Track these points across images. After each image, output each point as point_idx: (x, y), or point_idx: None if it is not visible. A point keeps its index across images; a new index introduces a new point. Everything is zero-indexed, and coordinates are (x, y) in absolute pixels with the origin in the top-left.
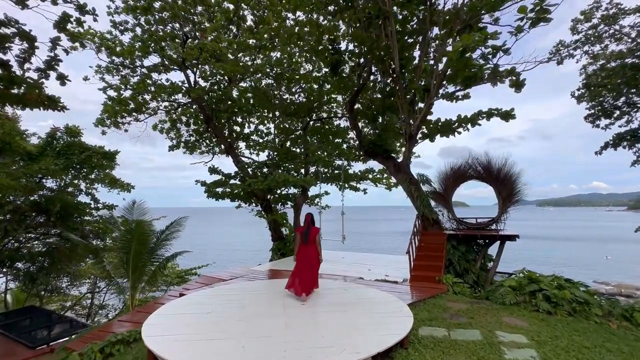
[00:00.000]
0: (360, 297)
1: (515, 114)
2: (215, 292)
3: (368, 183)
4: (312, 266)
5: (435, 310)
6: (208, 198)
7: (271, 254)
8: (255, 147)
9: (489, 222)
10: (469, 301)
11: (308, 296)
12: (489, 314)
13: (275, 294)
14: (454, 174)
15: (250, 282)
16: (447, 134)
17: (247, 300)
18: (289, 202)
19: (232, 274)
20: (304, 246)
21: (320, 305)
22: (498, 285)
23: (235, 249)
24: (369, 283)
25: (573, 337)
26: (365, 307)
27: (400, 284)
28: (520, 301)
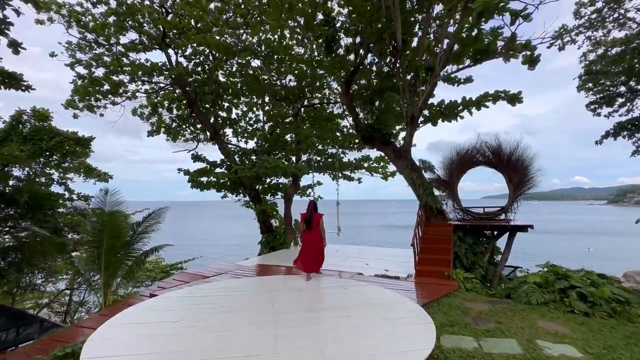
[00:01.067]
0: (364, 297)
1: (522, 98)
2: (191, 292)
3: (363, 172)
4: (316, 251)
5: (454, 313)
6: (192, 188)
7: (260, 248)
8: (243, 134)
9: (498, 211)
10: (488, 300)
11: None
12: (517, 317)
13: (263, 295)
14: (460, 159)
15: (235, 280)
16: (450, 118)
17: (227, 304)
18: (279, 192)
19: (216, 269)
20: (307, 232)
21: (318, 309)
22: (521, 282)
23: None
24: (369, 279)
25: (632, 348)
26: (373, 311)
27: (404, 280)
28: (549, 300)
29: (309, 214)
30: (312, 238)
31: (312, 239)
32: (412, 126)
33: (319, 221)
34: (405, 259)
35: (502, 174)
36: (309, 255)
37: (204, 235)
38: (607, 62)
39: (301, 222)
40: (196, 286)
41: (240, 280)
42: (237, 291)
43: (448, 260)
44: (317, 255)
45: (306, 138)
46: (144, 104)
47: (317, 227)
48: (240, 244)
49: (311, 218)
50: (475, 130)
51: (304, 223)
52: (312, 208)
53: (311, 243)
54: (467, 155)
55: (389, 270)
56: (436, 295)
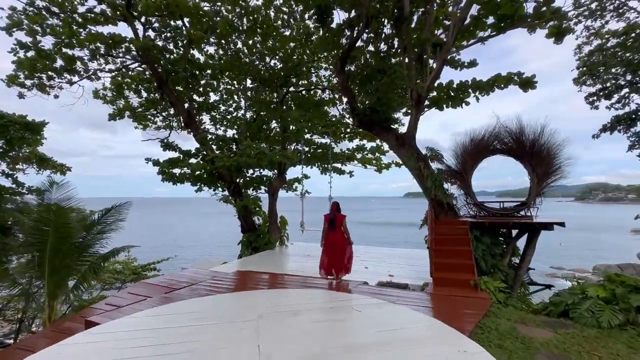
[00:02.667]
0: (391, 327)
1: (536, 82)
2: (137, 323)
3: (355, 165)
4: (342, 251)
5: (513, 346)
6: (163, 182)
7: (240, 248)
8: (222, 122)
9: (518, 207)
10: (542, 321)
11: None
12: (598, 350)
13: (243, 328)
14: (474, 147)
15: (203, 299)
16: (456, 104)
17: (187, 343)
18: (263, 186)
19: (185, 278)
20: (331, 233)
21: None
22: (576, 294)
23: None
24: (377, 291)
25: None
26: (405, 349)
27: (421, 292)
28: (623, 322)
29: (333, 214)
30: (337, 238)
31: (337, 240)
32: (417, 109)
33: (342, 221)
34: (408, 260)
35: (523, 163)
36: (336, 256)
37: (183, 234)
38: (607, 54)
39: (325, 222)
40: (149, 311)
41: (212, 298)
42: (204, 320)
43: (471, 266)
44: (344, 255)
45: (297, 120)
46: (108, 86)
47: (340, 228)
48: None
49: (335, 218)
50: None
51: (327, 223)
52: (335, 209)
53: (336, 243)
54: (483, 141)
55: (394, 275)
56: (473, 316)
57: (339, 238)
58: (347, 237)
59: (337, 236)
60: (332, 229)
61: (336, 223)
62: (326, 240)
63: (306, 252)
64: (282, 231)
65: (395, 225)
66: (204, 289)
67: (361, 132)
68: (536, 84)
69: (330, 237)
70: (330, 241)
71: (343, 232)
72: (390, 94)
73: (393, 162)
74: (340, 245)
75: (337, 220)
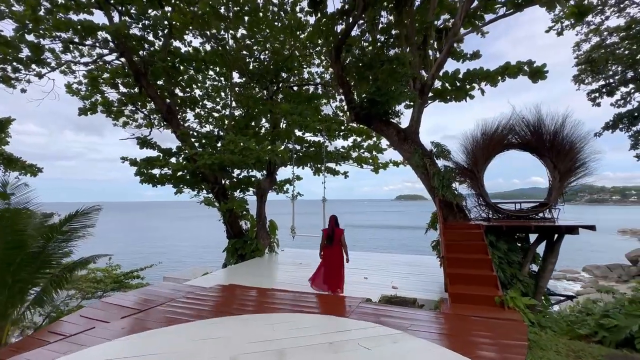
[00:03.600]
0: None
1: (547, 72)
2: None
3: (351, 165)
4: (338, 267)
5: None
6: (142, 183)
7: (225, 256)
8: (208, 119)
9: (537, 208)
10: (603, 356)
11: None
12: None
13: None
14: (486, 141)
15: (163, 332)
16: (460, 97)
17: None
18: (251, 188)
19: (154, 295)
20: (329, 247)
21: None
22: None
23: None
24: (381, 310)
25: None
26: None
27: (435, 312)
28: None
29: (331, 229)
30: (334, 253)
31: (335, 255)
32: (422, 100)
33: (341, 236)
34: (411, 268)
35: (542, 159)
36: (333, 272)
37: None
38: (611, 50)
39: (323, 237)
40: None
41: (175, 330)
42: None
43: (492, 278)
44: (341, 270)
45: (286, 116)
46: (82, 80)
47: (338, 243)
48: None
49: (333, 233)
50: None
51: (325, 239)
52: (333, 223)
53: (334, 259)
54: (497, 135)
55: (398, 287)
56: (516, 351)
57: (337, 253)
58: (345, 252)
59: (334, 251)
60: (330, 244)
61: (334, 238)
62: (325, 256)
63: (298, 259)
64: (272, 237)
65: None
66: (172, 312)
67: (357, 129)
68: (547, 74)
69: (328, 252)
70: (327, 256)
71: (341, 247)
72: (392, 82)
73: (391, 161)
74: (337, 262)
75: (335, 235)
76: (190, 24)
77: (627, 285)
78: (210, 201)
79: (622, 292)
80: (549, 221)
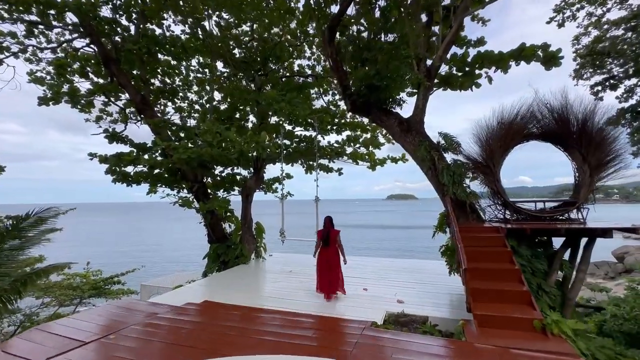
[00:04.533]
0: None
1: (562, 58)
2: None
3: (345, 161)
4: (335, 268)
5: None
6: (115, 183)
7: (207, 263)
8: (190, 113)
9: (563, 208)
10: None
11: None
12: None
13: None
14: (505, 131)
15: None
16: (467, 84)
17: None
18: (236, 187)
19: (107, 319)
20: (324, 249)
21: None
22: None
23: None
24: (390, 341)
25: None
26: None
27: (460, 342)
28: None
29: (326, 230)
30: (331, 254)
31: (331, 256)
32: (428, 84)
33: (336, 237)
34: (415, 276)
35: (568, 151)
36: (332, 273)
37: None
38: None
39: (318, 239)
40: None
41: None
42: None
43: (526, 295)
44: (339, 269)
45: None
46: (47, 68)
47: (334, 244)
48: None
49: (329, 234)
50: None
51: (321, 240)
52: (329, 224)
53: (330, 260)
54: (515, 125)
55: (404, 301)
56: None
57: (333, 254)
58: (342, 253)
59: (330, 252)
60: (326, 245)
61: (330, 239)
62: (320, 257)
63: (288, 266)
64: (259, 241)
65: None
66: (119, 349)
67: (351, 123)
68: (562, 60)
69: (324, 254)
70: (324, 258)
71: (337, 247)
72: (393, 65)
73: (388, 157)
74: (334, 262)
75: (331, 236)
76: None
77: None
78: (187, 202)
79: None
80: (578, 222)
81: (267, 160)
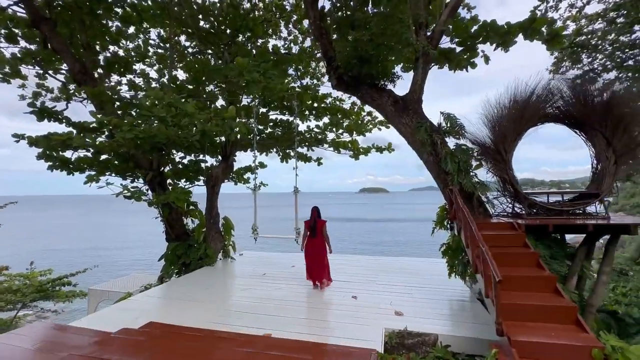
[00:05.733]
0: None
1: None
2: None
3: (326, 149)
4: (322, 258)
5: None
6: (51, 170)
7: (163, 266)
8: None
9: (584, 200)
10: None
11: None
12: None
13: None
14: (516, 112)
15: None
16: (462, 64)
17: None
18: (201, 176)
19: (12, 348)
20: (312, 240)
21: None
22: None
23: (137, 248)
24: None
25: None
26: None
27: None
28: None
29: (313, 220)
30: (317, 244)
31: (317, 246)
32: (426, 58)
33: (323, 227)
34: (406, 278)
35: (589, 134)
36: (318, 262)
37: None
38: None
39: (305, 229)
40: None
41: None
42: None
43: (571, 312)
44: (325, 259)
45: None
46: None
47: (321, 234)
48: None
49: (316, 225)
50: None
51: (308, 230)
52: (315, 214)
53: (317, 250)
54: (531, 105)
55: (403, 312)
56: None
57: (320, 244)
58: (328, 243)
59: (317, 242)
60: (313, 236)
61: (317, 229)
62: (307, 248)
63: (261, 267)
64: (227, 238)
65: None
66: None
67: (332, 108)
68: (566, 41)
69: (311, 244)
70: (311, 248)
71: (323, 238)
72: (392, 28)
73: (373, 145)
74: (321, 253)
75: (317, 226)
76: None
77: None
78: (136, 193)
79: None
80: (600, 217)
81: (237, 146)
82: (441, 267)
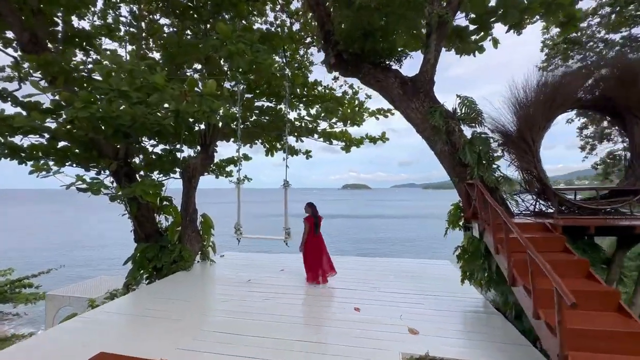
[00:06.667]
0: None
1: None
2: None
3: (316, 140)
4: (325, 252)
5: None
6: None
7: (130, 270)
8: None
9: (621, 197)
10: None
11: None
12: None
13: None
14: (547, 96)
15: None
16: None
17: None
18: (177, 168)
19: None
20: (314, 237)
21: None
22: None
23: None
24: None
25: None
26: None
27: None
28: None
29: (317, 217)
30: (319, 242)
31: (319, 243)
32: (440, 34)
33: None
34: (414, 285)
35: (627, 121)
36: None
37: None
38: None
39: (310, 225)
40: None
41: None
42: None
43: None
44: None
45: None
46: None
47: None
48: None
49: (318, 221)
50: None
51: (312, 227)
52: (316, 211)
53: (319, 245)
54: (563, 88)
55: (417, 331)
56: None
57: (321, 240)
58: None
59: (320, 239)
60: (317, 233)
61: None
62: (311, 245)
63: (244, 271)
64: (205, 238)
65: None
66: None
67: (323, 95)
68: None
69: (315, 241)
70: (313, 245)
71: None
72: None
73: (367, 136)
74: (322, 245)
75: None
76: None
77: None
78: (94, 185)
79: None
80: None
81: (218, 135)
82: (443, 269)
